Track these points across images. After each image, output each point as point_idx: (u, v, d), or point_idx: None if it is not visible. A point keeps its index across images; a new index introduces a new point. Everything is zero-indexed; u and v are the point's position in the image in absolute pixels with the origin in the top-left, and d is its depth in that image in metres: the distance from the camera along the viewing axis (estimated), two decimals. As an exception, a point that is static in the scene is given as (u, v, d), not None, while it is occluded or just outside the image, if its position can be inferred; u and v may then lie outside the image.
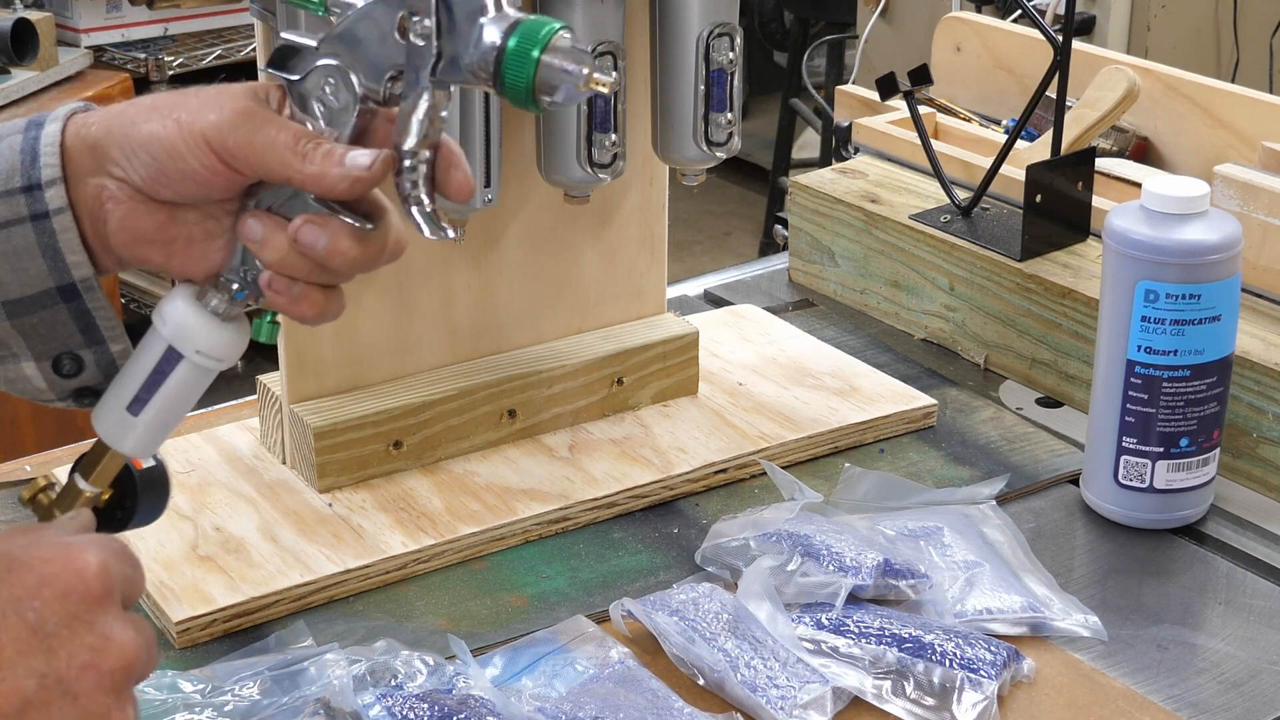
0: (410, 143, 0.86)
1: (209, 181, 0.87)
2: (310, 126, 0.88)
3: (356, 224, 0.88)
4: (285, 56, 0.89)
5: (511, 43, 0.83)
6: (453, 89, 0.87)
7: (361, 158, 0.86)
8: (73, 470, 0.93)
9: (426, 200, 0.87)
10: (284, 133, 0.87)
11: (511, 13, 0.84)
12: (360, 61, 0.87)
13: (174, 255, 0.90)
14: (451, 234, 0.87)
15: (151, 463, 0.95)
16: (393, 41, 0.86)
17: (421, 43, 0.85)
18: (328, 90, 0.88)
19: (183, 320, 0.90)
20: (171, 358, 0.90)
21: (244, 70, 3.39)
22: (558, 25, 0.83)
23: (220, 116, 0.86)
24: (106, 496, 0.94)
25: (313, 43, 0.88)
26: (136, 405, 0.90)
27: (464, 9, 0.84)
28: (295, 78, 0.88)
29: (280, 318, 0.93)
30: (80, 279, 0.89)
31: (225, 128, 0.86)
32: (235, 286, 0.90)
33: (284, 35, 0.89)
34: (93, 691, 0.74)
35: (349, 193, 0.86)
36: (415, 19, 0.85)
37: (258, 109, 0.88)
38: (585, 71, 0.83)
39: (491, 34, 0.83)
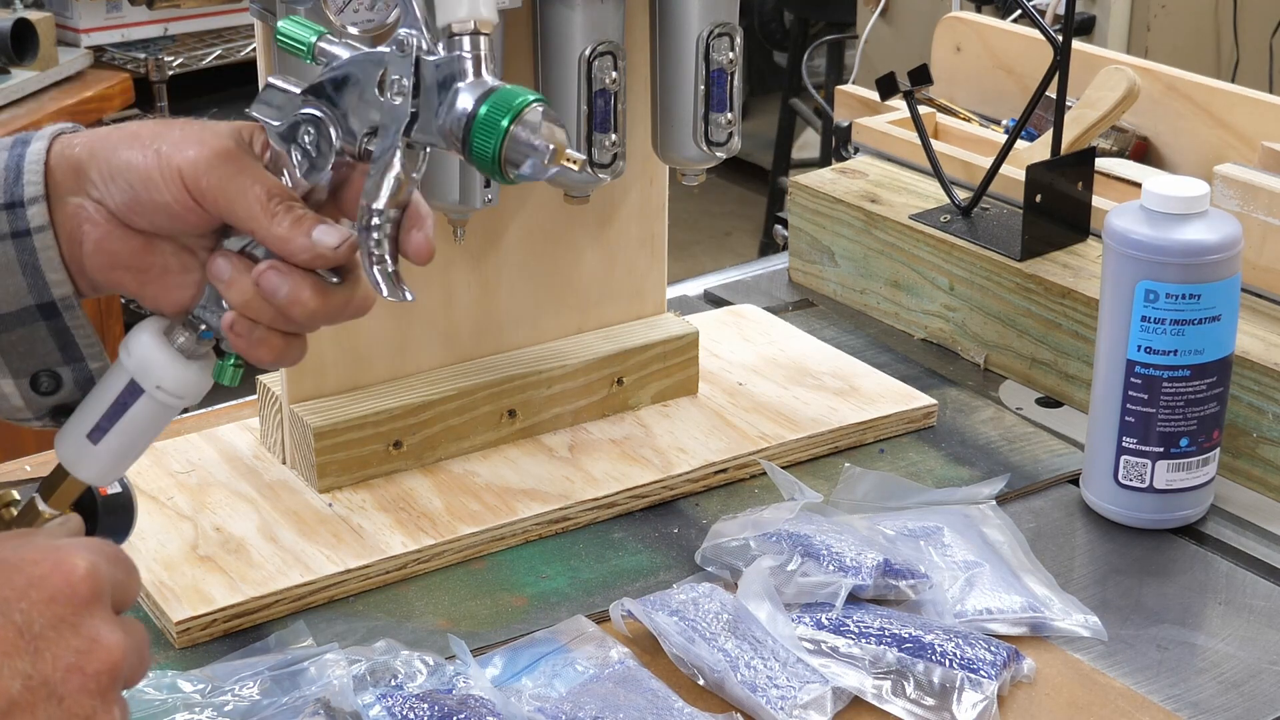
0: (379, 201, 0.86)
1: (181, 216, 0.87)
2: (288, 174, 0.88)
3: (322, 277, 0.88)
4: (271, 99, 0.89)
5: (483, 110, 0.83)
6: (426, 151, 0.87)
7: (329, 237, 0.86)
8: (36, 491, 0.93)
9: (389, 260, 0.87)
10: (258, 185, 0.87)
11: (489, 80, 0.84)
12: (340, 114, 0.87)
13: (147, 284, 0.90)
14: (410, 297, 0.87)
15: (117, 489, 0.95)
16: (372, 97, 0.86)
17: (398, 101, 0.85)
18: (307, 140, 0.88)
19: (147, 354, 0.89)
20: (133, 391, 0.89)
21: (244, 70, 3.39)
22: (531, 97, 0.83)
23: (198, 154, 0.86)
24: None
25: (298, 89, 0.88)
26: (96, 434, 0.90)
27: (442, 72, 0.85)
28: (277, 124, 0.89)
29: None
30: (60, 297, 0.89)
31: (201, 166, 0.86)
32: (203, 326, 0.90)
33: (271, 79, 0.90)
34: (77, 694, 0.74)
35: (308, 264, 0.87)
36: (395, 77, 0.85)
37: (237, 153, 0.88)
38: (551, 148, 0.83)
39: (465, 100, 0.84)
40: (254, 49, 1.24)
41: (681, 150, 1.31)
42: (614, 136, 1.27)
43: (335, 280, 0.88)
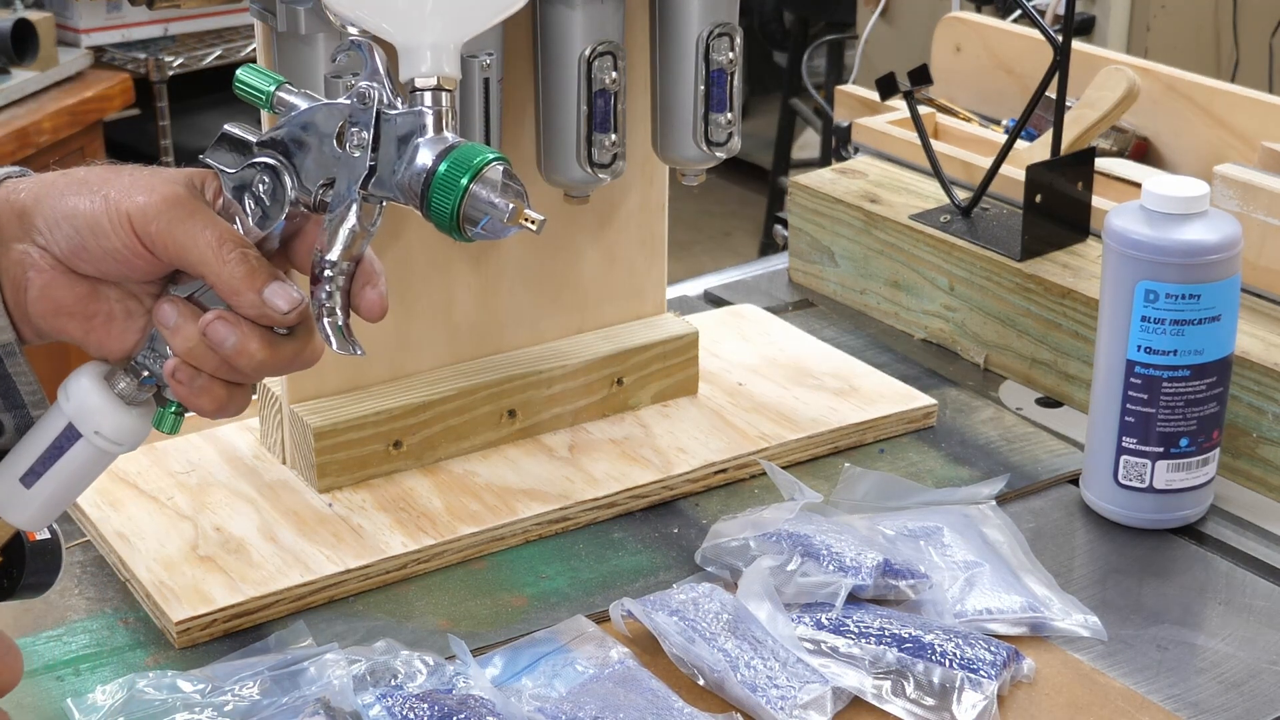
0: (332, 254, 0.85)
1: (129, 262, 0.86)
2: (240, 222, 0.87)
3: (270, 329, 0.87)
4: (226, 146, 0.88)
5: (442, 167, 0.82)
6: (382, 205, 0.86)
7: (279, 300, 0.85)
8: None
9: (340, 313, 0.86)
10: (209, 230, 0.85)
11: (449, 137, 0.84)
12: (297, 164, 0.86)
13: (92, 331, 0.89)
14: (360, 352, 0.86)
15: (45, 534, 0.93)
16: (330, 149, 0.85)
17: (357, 154, 0.85)
18: (261, 189, 0.87)
19: (86, 399, 0.88)
20: (70, 435, 0.88)
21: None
22: (491, 156, 0.83)
23: (148, 200, 0.85)
24: None
25: (254, 137, 0.87)
26: (30, 477, 0.88)
27: (403, 126, 0.84)
28: (231, 171, 0.87)
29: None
30: (1, 344, 0.87)
31: (150, 212, 0.85)
32: (145, 372, 0.88)
33: (227, 127, 0.88)
34: None
35: (255, 320, 0.85)
36: (354, 129, 0.85)
37: (188, 199, 0.86)
38: (511, 207, 0.82)
39: (425, 156, 0.83)
40: (254, 49, 1.24)
41: (681, 150, 1.31)
42: (614, 136, 1.27)
43: (283, 332, 0.87)
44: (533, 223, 0.83)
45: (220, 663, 1.10)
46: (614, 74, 1.25)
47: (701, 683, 1.10)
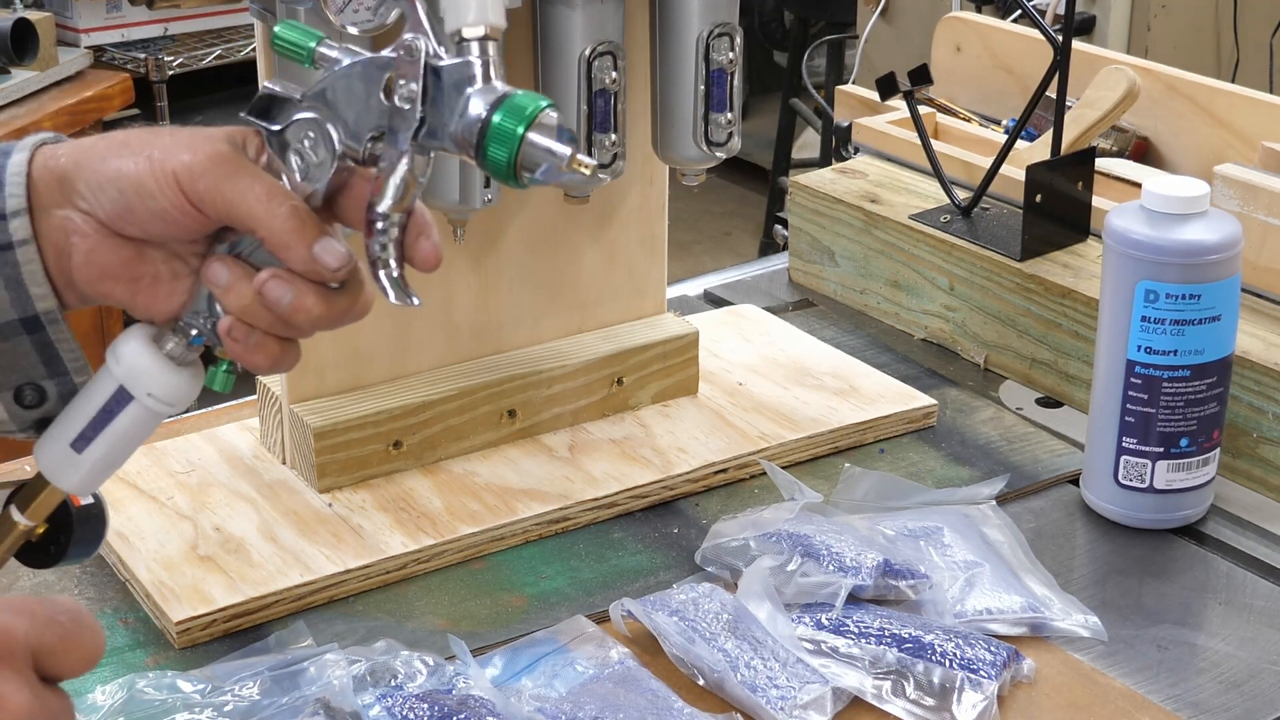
0: (385, 205, 0.85)
1: (177, 222, 0.86)
2: (286, 178, 0.87)
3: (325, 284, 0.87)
4: (267, 105, 0.88)
5: (497, 118, 0.82)
6: (431, 156, 0.86)
7: (329, 257, 0.85)
8: (8, 502, 0.91)
9: (394, 265, 0.86)
10: (257, 184, 0.85)
11: (500, 86, 0.83)
12: (342, 118, 0.86)
13: (139, 294, 0.89)
14: (416, 301, 0.86)
15: (89, 499, 0.93)
16: (377, 102, 0.85)
17: (406, 106, 0.84)
18: (306, 144, 0.86)
19: (137, 361, 0.88)
20: (122, 398, 0.88)
21: (244, 70, 3.39)
22: (544, 103, 0.82)
23: (194, 158, 0.85)
24: (41, 530, 0.92)
25: (296, 94, 0.87)
26: (81, 442, 0.88)
27: (451, 77, 0.84)
28: (275, 128, 0.87)
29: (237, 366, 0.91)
30: (44, 311, 0.87)
31: (197, 170, 0.85)
32: (194, 331, 0.88)
33: (266, 84, 0.88)
34: None
35: (304, 274, 0.86)
36: (402, 82, 0.84)
37: (232, 155, 0.86)
38: (569, 152, 0.82)
39: (477, 106, 0.83)
40: (254, 49, 1.25)
41: (681, 150, 1.31)
42: (614, 136, 1.27)
43: (336, 286, 0.87)
44: (586, 167, 0.83)
45: (220, 663, 1.10)
46: (614, 74, 1.25)
47: (701, 683, 1.10)
